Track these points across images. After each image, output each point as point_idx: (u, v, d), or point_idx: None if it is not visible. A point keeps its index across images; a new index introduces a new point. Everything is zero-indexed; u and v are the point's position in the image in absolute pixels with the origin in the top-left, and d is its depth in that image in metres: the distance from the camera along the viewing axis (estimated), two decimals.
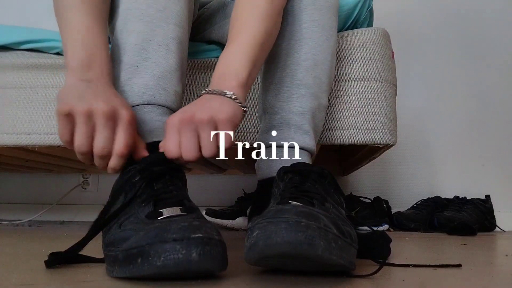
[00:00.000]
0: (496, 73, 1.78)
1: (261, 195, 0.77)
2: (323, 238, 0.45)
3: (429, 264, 0.61)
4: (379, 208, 1.44)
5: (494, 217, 1.55)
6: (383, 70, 0.98)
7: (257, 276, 0.52)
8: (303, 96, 0.77)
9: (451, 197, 1.60)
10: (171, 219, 0.50)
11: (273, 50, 0.79)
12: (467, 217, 1.43)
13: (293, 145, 0.75)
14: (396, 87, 1.03)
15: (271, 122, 0.78)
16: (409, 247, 0.92)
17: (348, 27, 1.03)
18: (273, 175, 0.72)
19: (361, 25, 1.05)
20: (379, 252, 0.62)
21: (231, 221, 1.34)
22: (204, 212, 1.35)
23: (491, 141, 1.74)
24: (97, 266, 0.57)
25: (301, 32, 0.79)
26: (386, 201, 1.51)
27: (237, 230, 1.32)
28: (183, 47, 0.71)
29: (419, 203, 1.58)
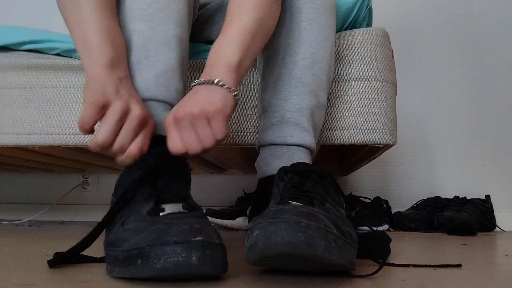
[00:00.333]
0: (496, 73, 1.77)
1: (261, 194, 0.77)
2: (323, 238, 0.45)
3: (429, 264, 0.61)
4: (379, 208, 1.44)
5: (494, 217, 1.55)
6: (383, 70, 0.98)
7: (257, 276, 0.52)
8: (301, 94, 0.77)
9: (451, 197, 1.60)
10: (173, 220, 0.50)
11: (271, 48, 0.79)
12: (467, 217, 1.43)
13: (292, 143, 0.76)
14: (396, 87, 1.03)
15: (270, 120, 0.78)
16: (409, 247, 0.92)
17: (347, 26, 1.03)
18: (273, 173, 0.72)
19: (360, 25, 1.05)
20: (379, 252, 0.62)
21: (231, 221, 1.34)
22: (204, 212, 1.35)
23: (491, 141, 1.74)
24: (97, 266, 0.57)
25: (299, 30, 0.79)
26: (386, 201, 1.51)
27: (237, 230, 1.32)
28: (184, 45, 0.72)
29: (419, 203, 1.58)
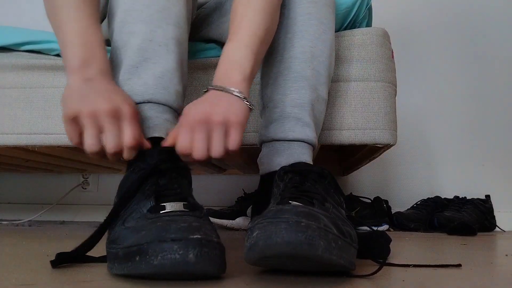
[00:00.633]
0: (496, 73, 1.77)
1: (263, 190, 0.77)
2: (323, 238, 0.45)
3: (429, 264, 0.61)
4: (379, 208, 1.44)
5: (494, 217, 1.55)
6: (383, 70, 0.98)
7: (257, 276, 0.52)
8: (301, 88, 0.77)
9: (451, 197, 1.60)
10: (172, 218, 0.50)
11: (270, 44, 0.79)
12: (467, 217, 1.43)
13: (294, 138, 0.75)
14: (396, 87, 1.03)
15: (271, 116, 0.78)
16: (409, 247, 0.92)
17: (347, 25, 1.03)
18: (275, 169, 0.72)
19: (360, 24, 1.05)
20: (379, 252, 0.62)
21: (231, 221, 1.34)
22: (205, 211, 1.35)
23: (491, 141, 1.74)
24: (97, 266, 0.57)
25: (297, 25, 0.79)
26: (386, 201, 1.51)
27: (237, 230, 1.32)
28: (183, 47, 0.72)
29: (419, 203, 1.58)
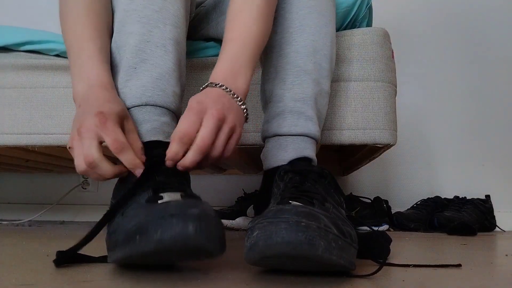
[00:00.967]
0: (496, 73, 1.77)
1: (267, 186, 0.77)
2: (323, 238, 0.45)
3: (429, 264, 0.61)
4: (379, 208, 1.44)
5: (494, 217, 1.55)
6: (383, 70, 0.98)
7: (257, 276, 0.52)
8: (304, 82, 0.77)
9: (451, 197, 1.60)
10: (171, 203, 0.51)
11: (272, 39, 0.80)
12: (467, 217, 1.43)
13: (297, 132, 0.75)
14: (396, 87, 1.03)
15: (274, 110, 0.78)
16: (409, 247, 0.92)
17: (347, 25, 1.03)
18: (278, 164, 0.73)
19: (360, 23, 1.05)
20: (379, 252, 0.62)
21: (231, 221, 1.34)
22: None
23: (491, 141, 1.74)
24: (97, 266, 0.57)
25: (299, 19, 0.79)
26: (386, 201, 1.51)
27: (237, 230, 1.32)
28: (181, 47, 0.72)
29: (419, 203, 1.58)
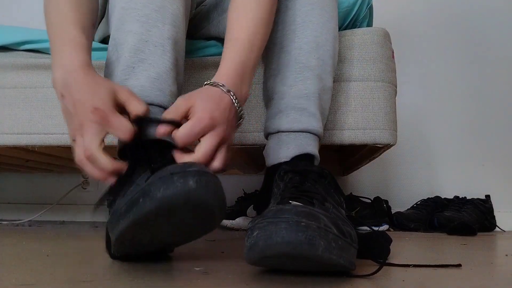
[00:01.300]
0: (496, 73, 1.77)
1: (269, 183, 0.77)
2: (323, 238, 0.45)
3: (429, 264, 0.61)
4: (379, 208, 1.44)
5: (494, 217, 1.55)
6: (383, 70, 0.98)
7: (257, 276, 0.52)
8: (307, 78, 0.77)
9: (451, 197, 1.60)
10: None
11: (274, 36, 0.80)
12: (467, 217, 1.43)
13: (299, 129, 0.75)
14: (396, 87, 1.03)
15: (277, 107, 0.78)
16: (409, 247, 0.92)
17: (347, 25, 1.03)
18: (281, 161, 0.73)
19: (361, 23, 1.05)
20: (379, 252, 0.62)
21: (231, 221, 1.34)
22: None
23: (491, 141, 1.74)
24: (97, 266, 0.57)
25: (301, 16, 0.79)
26: (386, 201, 1.51)
27: (237, 230, 1.32)
28: (179, 46, 0.72)
29: (419, 203, 1.58)
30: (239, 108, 0.65)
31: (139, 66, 0.66)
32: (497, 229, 1.55)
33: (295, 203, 0.55)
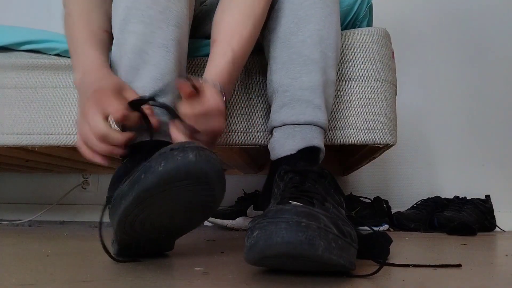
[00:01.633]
0: (496, 73, 1.77)
1: (274, 177, 0.77)
2: (323, 238, 0.45)
3: (429, 264, 0.61)
4: (379, 208, 1.44)
5: (494, 217, 1.55)
6: (383, 70, 0.98)
7: (257, 276, 0.52)
8: (311, 71, 0.78)
9: (451, 197, 1.60)
10: None
11: (277, 31, 0.81)
12: (467, 217, 1.43)
13: (305, 121, 0.76)
14: (396, 87, 1.03)
15: (282, 100, 0.79)
16: (409, 247, 0.92)
17: (347, 24, 1.03)
18: (286, 154, 0.74)
19: (361, 23, 1.05)
20: (379, 252, 0.62)
21: (231, 221, 1.34)
22: None
23: (491, 141, 1.74)
24: (97, 266, 0.57)
25: (303, 10, 0.80)
26: (386, 201, 1.51)
27: (237, 230, 1.32)
28: (182, 47, 0.73)
29: (419, 203, 1.58)
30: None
31: (143, 67, 0.68)
32: (497, 229, 1.55)
33: (295, 203, 0.55)
